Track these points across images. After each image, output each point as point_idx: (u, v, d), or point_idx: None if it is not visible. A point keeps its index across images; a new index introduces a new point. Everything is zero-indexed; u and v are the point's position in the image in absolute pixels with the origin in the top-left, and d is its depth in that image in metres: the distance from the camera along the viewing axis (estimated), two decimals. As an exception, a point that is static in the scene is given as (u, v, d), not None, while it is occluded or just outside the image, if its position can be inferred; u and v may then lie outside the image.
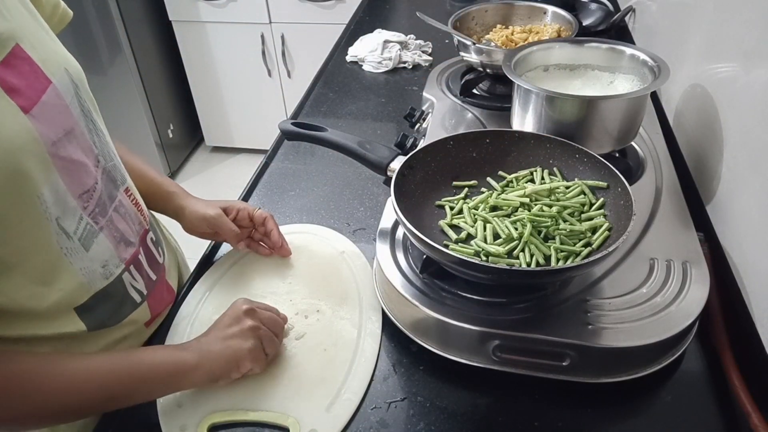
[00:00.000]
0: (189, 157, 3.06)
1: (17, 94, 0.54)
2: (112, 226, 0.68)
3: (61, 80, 0.61)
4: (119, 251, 0.69)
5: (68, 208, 0.60)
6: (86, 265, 0.63)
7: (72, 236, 0.61)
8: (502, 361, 0.65)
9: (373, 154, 0.77)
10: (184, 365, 0.62)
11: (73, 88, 0.63)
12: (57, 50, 0.63)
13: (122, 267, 0.69)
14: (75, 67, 0.65)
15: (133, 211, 0.73)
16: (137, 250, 0.72)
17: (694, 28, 0.94)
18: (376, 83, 1.35)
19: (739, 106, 0.74)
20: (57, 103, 0.60)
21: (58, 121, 0.59)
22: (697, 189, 0.85)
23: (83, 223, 0.63)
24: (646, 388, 0.65)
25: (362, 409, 0.65)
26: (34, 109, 0.56)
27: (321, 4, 2.44)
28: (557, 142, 0.77)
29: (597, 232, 0.68)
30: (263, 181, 1.03)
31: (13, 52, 0.56)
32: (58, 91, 0.60)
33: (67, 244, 0.61)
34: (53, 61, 0.61)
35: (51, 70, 0.60)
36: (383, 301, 0.74)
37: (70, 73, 0.63)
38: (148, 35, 2.60)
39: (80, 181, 0.62)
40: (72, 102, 0.62)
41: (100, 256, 0.65)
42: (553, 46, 0.92)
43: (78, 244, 0.62)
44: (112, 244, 0.67)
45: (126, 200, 0.71)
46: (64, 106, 0.61)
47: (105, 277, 0.66)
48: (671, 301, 0.65)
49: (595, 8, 1.42)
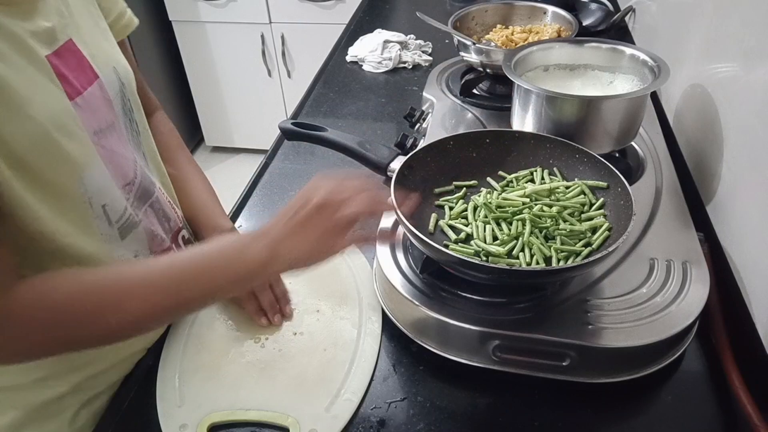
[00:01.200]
0: (189, 157, 3.06)
1: (64, 80, 0.59)
2: (147, 221, 0.70)
3: (108, 76, 0.65)
4: (152, 245, 0.71)
5: (115, 197, 0.64)
6: (120, 252, 0.66)
7: (113, 224, 0.64)
8: (502, 361, 0.65)
9: (373, 154, 0.78)
10: (243, 237, 0.60)
11: (119, 85, 0.67)
12: (109, 50, 0.69)
13: None
14: (124, 68, 0.70)
15: (168, 208, 0.75)
16: (170, 245, 0.74)
17: (694, 28, 0.94)
18: (376, 83, 1.35)
19: (739, 106, 0.74)
20: (101, 96, 0.64)
21: (101, 113, 0.63)
22: (697, 189, 0.85)
23: (127, 214, 0.66)
24: (646, 388, 0.65)
25: (362, 409, 0.65)
26: (78, 98, 0.60)
27: (321, 4, 2.44)
28: (557, 142, 0.77)
29: (597, 232, 0.68)
30: (263, 181, 1.03)
31: (66, 45, 0.60)
32: (103, 86, 0.64)
33: (107, 230, 0.64)
34: (103, 59, 0.65)
35: (99, 65, 0.64)
36: (383, 301, 0.74)
37: (118, 72, 0.68)
38: (149, 35, 2.60)
39: (123, 173, 0.66)
40: (116, 98, 0.67)
41: (132, 246, 0.68)
42: (553, 46, 0.92)
43: (116, 232, 0.65)
44: (147, 238, 0.70)
45: (162, 197, 0.74)
46: (108, 101, 0.65)
47: None
48: (671, 301, 0.65)
49: (595, 8, 1.42)
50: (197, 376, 0.68)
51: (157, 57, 2.68)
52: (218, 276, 0.57)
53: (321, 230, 0.57)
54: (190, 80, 2.80)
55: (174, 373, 0.69)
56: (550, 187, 0.73)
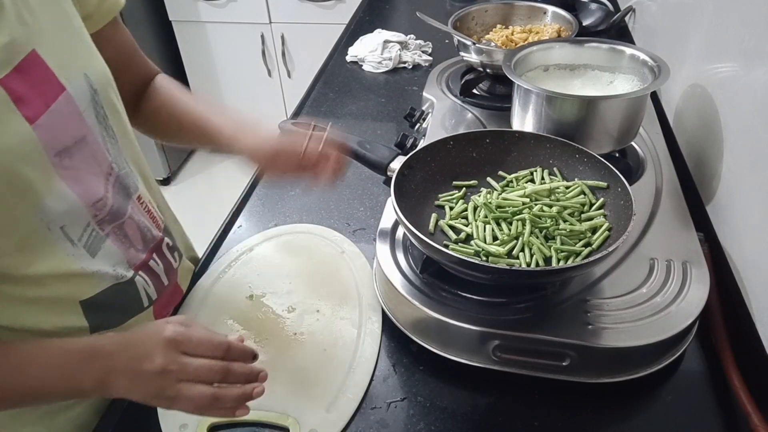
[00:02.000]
0: (189, 157, 3.06)
1: (24, 103, 0.54)
2: (120, 233, 0.67)
3: (77, 87, 0.60)
4: (129, 256, 0.68)
5: (75, 217, 0.60)
6: (97, 268, 0.64)
7: (76, 243, 0.61)
8: (502, 361, 0.65)
9: (373, 154, 0.77)
10: (101, 348, 0.55)
11: (90, 94, 0.62)
12: (80, 54, 0.63)
13: (132, 272, 0.69)
14: (98, 72, 0.64)
15: (145, 219, 0.72)
16: (148, 255, 0.72)
17: (694, 28, 0.94)
18: (376, 83, 1.35)
19: (739, 106, 0.74)
20: (69, 110, 0.59)
21: (69, 128, 0.59)
22: (697, 189, 0.85)
23: (89, 230, 0.63)
24: (646, 388, 0.65)
25: (362, 409, 0.65)
26: (41, 119, 0.55)
27: (321, 4, 2.44)
28: (557, 142, 0.77)
29: (597, 232, 0.68)
30: (263, 181, 1.03)
31: (29, 58, 0.55)
32: (71, 99, 0.59)
33: (72, 251, 0.61)
34: (72, 67, 0.60)
35: (67, 76, 0.59)
36: (383, 301, 0.74)
37: (90, 78, 0.62)
38: (149, 35, 2.60)
39: (92, 190, 0.62)
40: (87, 109, 0.62)
41: (108, 260, 0.65)
42: (553, 46, 0.92)
43: (83, 250, 0.62)
44: (120, 250, 0.67)
45: (138, 208, 0.71)
46: (77, 114, 0.60)
47: (116, 278, 0.66)
48: (671, 301, 0.65)
49: (595, 8, 1.42)
50: (197, 376, 0.68)
51: (157, 57, 2.68)
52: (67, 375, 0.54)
53: (158, 391, 0.53)
54: (190, 80, 2.80)
55: (174, 373, 0.68)
56: (550, 187, 0.73)
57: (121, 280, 0.67)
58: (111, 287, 0.66)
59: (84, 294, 0.64)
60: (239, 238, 0.89)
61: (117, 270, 0.66)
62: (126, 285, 0.68)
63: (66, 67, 0.59)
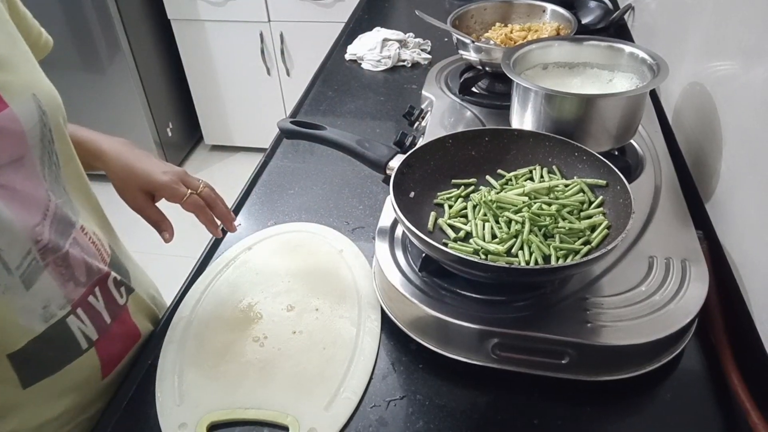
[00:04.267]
0: (188, 155, 3.06)
1: None
2: (61, 264, 0.62)
3: (23, 105, 0.57)
4: (66, 291, 0.63)
5: (15, 240, 0.56)
6: (25, 303, 0.58)
7: (13, 271, 0.56)
8: (502, 359, 0.65)
9: (371, 152, 0.77)
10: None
11: (38, 114, 0.59)
12: (30, 76, 0.61)
13: (68, 309, 0.63)
14: (48, 94, 0.62)
15: (91, 250, 0.67)
16: (89, 290, 0.66)
17: (693, 26, 0.94)
18: (375, 82, 1.35)
19: (738, 104, 0.74)
20: (10, 128, 0.56)
21: (6, 146, 0.56)
22: (696, 187, 0.85)
23: (29, 258, 0.58)
24: (645, 386, 0.65)
25: (361, 408, 0.65)
26: None
27: (320, 2, 2.44)
28: (556, 140, 0.77)
29: (596, 231, 0.68)
30: (262, 180, 1.03)
31: None
32: (14, 116, 0.56)
33: (6, 280, 0.56)
34: (18, 85, 0.58)
35: (13, 94, 0.57)
36: (382, 299, 0.74)
37: (38, 99, 0.59)
38: (147, 34, 2.60)
39: (29, 213, 0.58)
40: (32, 129, 0.58)
41: (41, 295, 0.60)
42: (552, 45, 0.92)
43: (18, 280, 0.57)
44: (57, 283, 0.62)
45: (82, 238, 0.66)
46: (19, 133, 0.57)
47: (44, 320, 0.61)
48: (670, 299, 0.65)
49: (594, 6, 1.42)
50: (196, 374, 0.68)
51: (155, 55, 2.68)
52: None
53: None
54: (189, 79, 2.80)
55: (173, 371, 0.68)
56: (549, 185, 0.73)
57: (51, 322, 0.61)
58: (41, 335, 0.60)
59: (10, 346, 0.58)
60: (238, 236, 0.89)
61: (48, 309, 0.61)
62: (57, 328, 0.62)
63: (11, 84, 0.57)
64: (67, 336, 0.64)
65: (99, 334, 0.68)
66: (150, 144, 2.69)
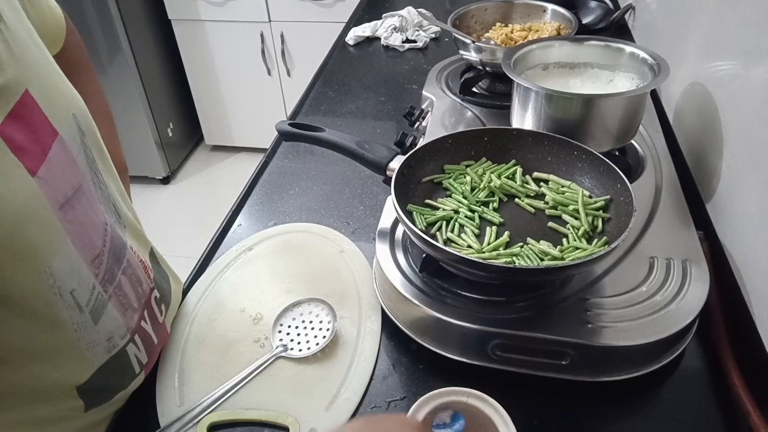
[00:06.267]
0: (189, 156, 3.06)
1: (24, 153, 0.46)
2: (120, 293, 0.61)
3: (68, 130, 0.53)
4: (126, 320, 0.62)
5: (82, 278, 0.54)
6: (93, 339, 0.57)
7: (84, 309, 0.55)
8: (502, 360, 0.65)
9: (371, 154, 0.77)
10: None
11: (79, 137, 0.55)
12: (64, 90, 0.56)
13: (127, 338, 0.62)
14: (81, 110, 0.57)
15: (139, 270, 0.65)
16: (140, 315, 0.65)
17: (694, 26, 0.94)
18: (375, 82, 1.35)
19: (738, 104, 0.74)
20: (64, 158, 0.52)
21: (66, 179, 0.52)
22: (696, 187, 0.85)
23: (95, 293, 0.56)
24: (646, 386, 0.65)
25: (362, 408, 0.65)
26: (41, 170, 0.48)
27: (320, 2, 2.44)
28: (556, 140, 0.77)
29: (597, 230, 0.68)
30: (263, 180, 1.03)
31: (22, 100, 0.48)
32: (65, 144, 0.52)
33: (79, 319, 0.54)
34: (61, 106, 0.53)
35: (58, 118, 0.52)
36: (383, 300, 0.74)
37: (78, 120, 0.56)
38: (148, 34, 2.60)
39: (91, 245, 0.55)
40: (79, 154, 0.55)
41: (107, 328, 0.59)
42: (552, 45, 0.92)
43: (88, 317, 0.55)
44: (119, 314, 0.61)
45: (133, 258, 0.64)
46: (72, 161, 0.53)
47: (108, 351, 0.60)
48: (671, 300, 0.64)
49: (594, 6, 1.42)
50: (197, 375, 0.68)
51: (156, 56, 2.68)
52: None
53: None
54: (190, 79, 2.80)
55: (173, 372, 0.68)
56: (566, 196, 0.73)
57: (113, 352, 0.60)
58: (104, 365, 0.59)
59: (79, 379, 0.57)
60: (238, 237, 0.89)
61: (112, 340, 0.60)
62: (118, 357, 0.61)
63: (54, 108, 0.52)
64: (126, 364, 0.63)
65: (149, 356, 0.68)
66: (150, 144, 2.69)
